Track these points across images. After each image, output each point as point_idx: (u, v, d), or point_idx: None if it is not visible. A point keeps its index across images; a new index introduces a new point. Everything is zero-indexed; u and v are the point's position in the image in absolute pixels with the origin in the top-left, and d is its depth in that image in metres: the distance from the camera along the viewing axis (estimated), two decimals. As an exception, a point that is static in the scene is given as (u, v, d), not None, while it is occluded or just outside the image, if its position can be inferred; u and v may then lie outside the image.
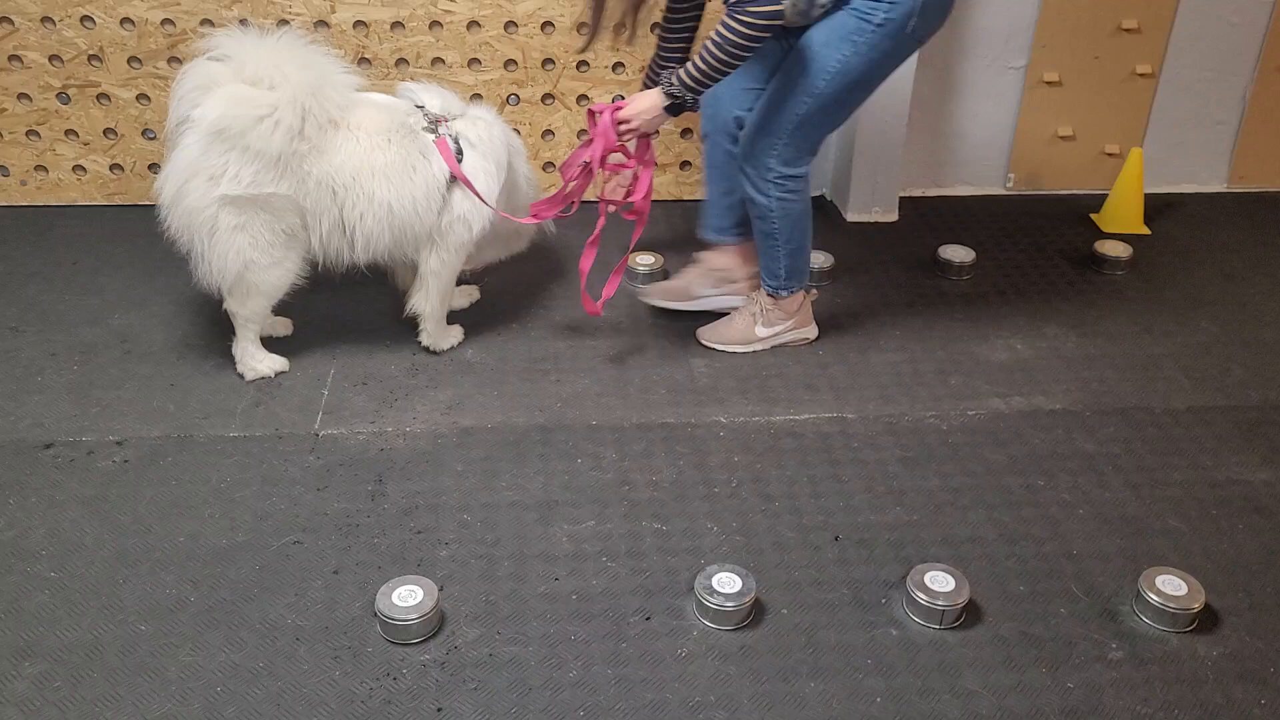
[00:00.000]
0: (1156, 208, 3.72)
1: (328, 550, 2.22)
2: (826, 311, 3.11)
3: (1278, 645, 2.05)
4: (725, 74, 2.47)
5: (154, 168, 3.56)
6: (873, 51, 2.50)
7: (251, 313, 2.70)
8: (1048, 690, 1.95)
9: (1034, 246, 3.50)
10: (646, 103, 2.56)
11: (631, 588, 2.15)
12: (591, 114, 2.66)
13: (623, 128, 2.59)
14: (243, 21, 3.33)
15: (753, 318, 2.91)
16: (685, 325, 3.03)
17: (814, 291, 3.05)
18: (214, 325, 2.94)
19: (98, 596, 2.10)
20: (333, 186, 2.56)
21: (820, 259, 3.27)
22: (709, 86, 2.51)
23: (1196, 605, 2.07)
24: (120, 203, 3.60)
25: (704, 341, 2.95)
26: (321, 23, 3.38)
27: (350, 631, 2.03)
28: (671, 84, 2.52)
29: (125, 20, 3.34)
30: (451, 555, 2.21)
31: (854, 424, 2.64)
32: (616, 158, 2.75)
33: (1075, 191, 3.87)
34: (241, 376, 2.73)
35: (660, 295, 3.07)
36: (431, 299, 2.79)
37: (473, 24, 3.43)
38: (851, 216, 3.67)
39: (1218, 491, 2.44)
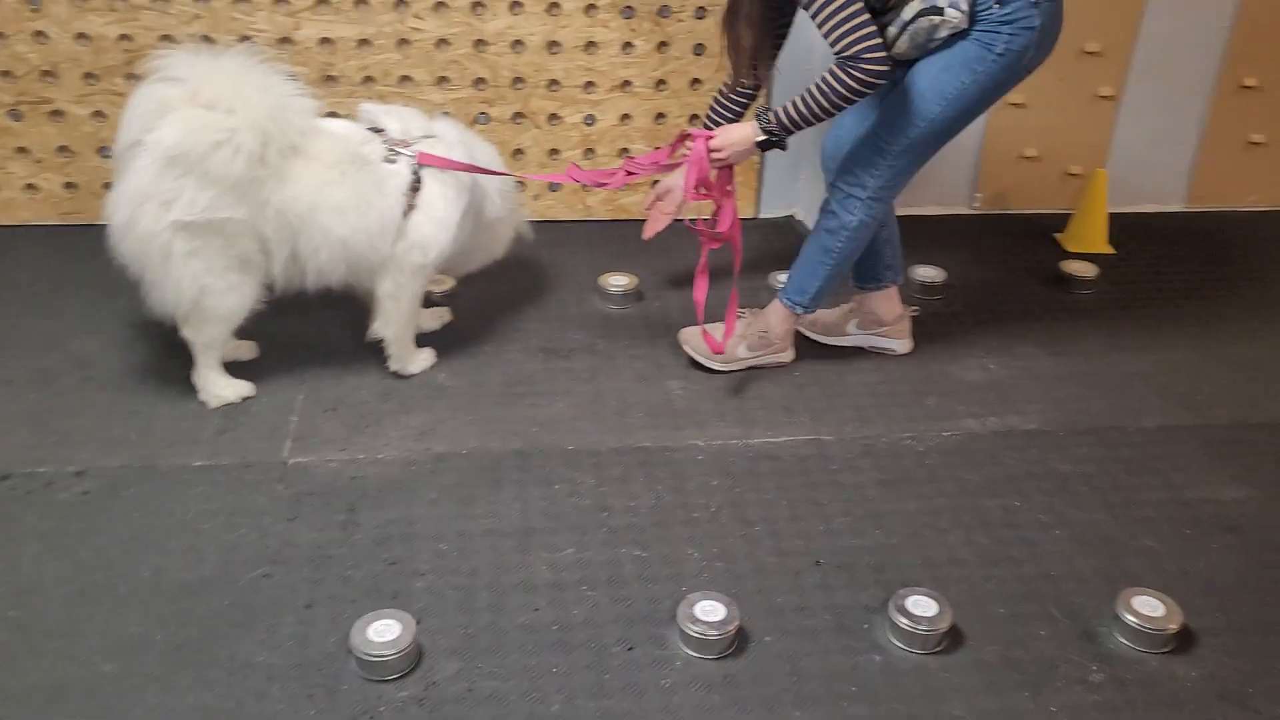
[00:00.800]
0: (1119, 227, 3.77)
1: (299, 583, 2.16)
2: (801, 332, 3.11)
3: (1255, 665, 2.06)
4: (823, 120, 2.50)
5: (110, 186, 3.47)
6: (990, 80, 2.52)
7: (210, 339, 2.63)
8: (1031, 715, 1.94)
9: (1002, 266, 3.53)
10: (738, 134, 2.58)
11: (613, 617, 2.11)
12: (682, 137, 2.68)
13: (714, 156, 2.60)
14: (206, 39, 3.27)
15: (739, 337, 2.87)
16: (660, 347, 3.01)
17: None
18: (177, 350, 2.86)
19: (59, 636, 2.02)
20: (289, 217, 2.51)
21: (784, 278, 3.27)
22: (803, 129, 2.52)
23: (1174, 626, 2.08)
24: (75, 222, 3.51)
25: (683, 344, 2.90)
26: (285, 40, 3.33)
27: (324, 668, 1.98)
28: (769, 121, 2.53)
29: (80, 35, 3.26)
30: (428, 586, 2.17)
31: (831, 446, 2.63)
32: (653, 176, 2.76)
33: (1040, 211, 3.91)
34: (205, 404, 2.66)
35: (806, 326, 3.04)
36: (393, 324, 2.74)
37: (441, 42, 3.40)
38: (821, 236, 3.67)
39: (1191, 511, 2.46)
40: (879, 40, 2.39)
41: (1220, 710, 1.96)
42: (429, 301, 3.03)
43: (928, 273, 3.35)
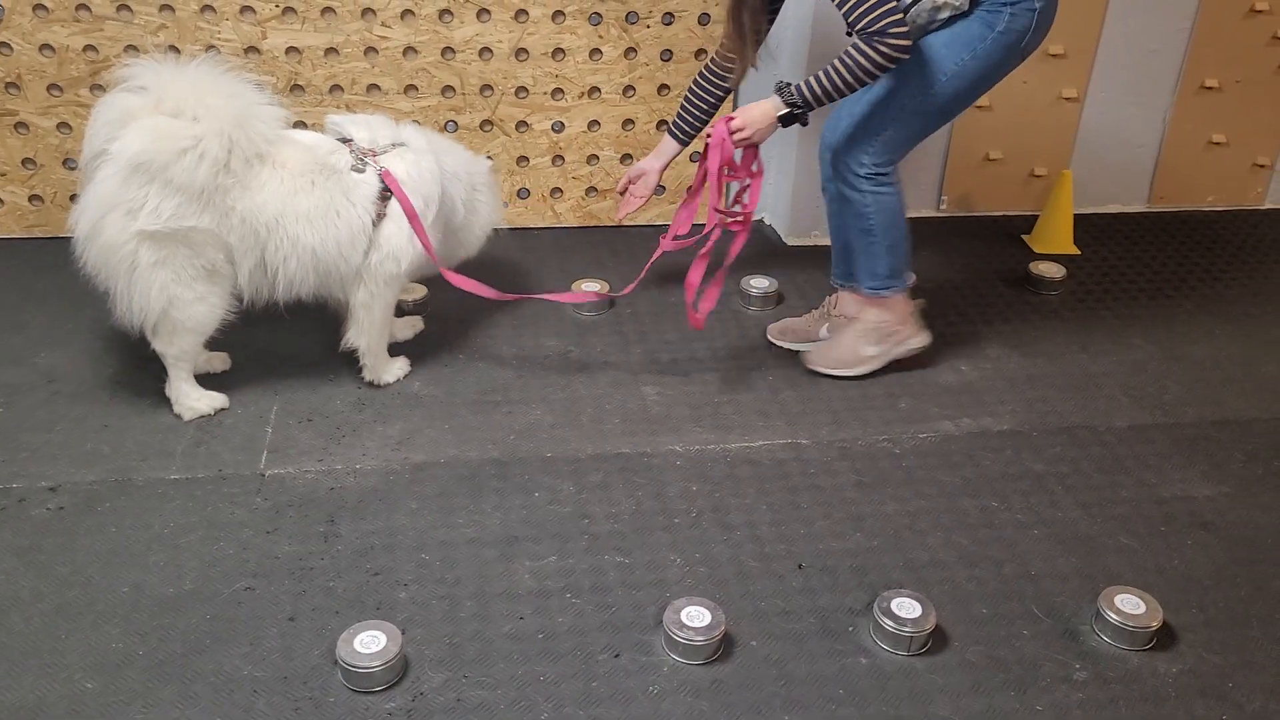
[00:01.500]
0: (1084, 228, 3.82)
1: (281, 596, 2.14)
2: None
3: (1234, 659, 2.09)
4: (846, 95, 2.50)
5: (76, 198, 3.42)
6: (989, 59, 2.56)
7: (181, 351, 2.60)
8: (1017, 714, 1.96)
9: (970, 268, 3.57)
10: (759, 111, 2.57)
11: (598, 624, 2.11)
12: (718, 125, 2.67)
13: (736, 136, 2.59)
14: (172, 48, 3.23)
15: (857, 338, 2.90)
16: (634, 353, 3.01)
17: (922, 301, 3.05)
18: (147, 362, 2.83)
19: (38, 654, 1.98)
20: (255, 225, 2.49)
21: (764, 283, 3.29)
22: (826, 103, 2.52)
23: (1155, 623, 2.11)
24: (41, 235, 3.46)
25: (811, 366, 2.93)
26: (252, 49, 3.30)
27: (310, 681, 1.96)
28: (790, 93, 2.52)
29: (45, 46, 3.21)
30: (411, 597, 2.15)
31: (809, 450, 2.65)
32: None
33: (1006, 213, 3.96)
34: (179, 418, 2.63)
35: (778, 335, 3.06)
36: (367, 333, 2.72)
37: (409, 50, 3.38)
38: (791, 240, 3.69)
39: (1164, 508, 2.50)
40: (901, 15, 2.40)
41: (1202, 705, 1.99)
42: (401, 310, 3.02)
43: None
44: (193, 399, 2.65)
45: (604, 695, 1.96)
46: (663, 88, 3.59)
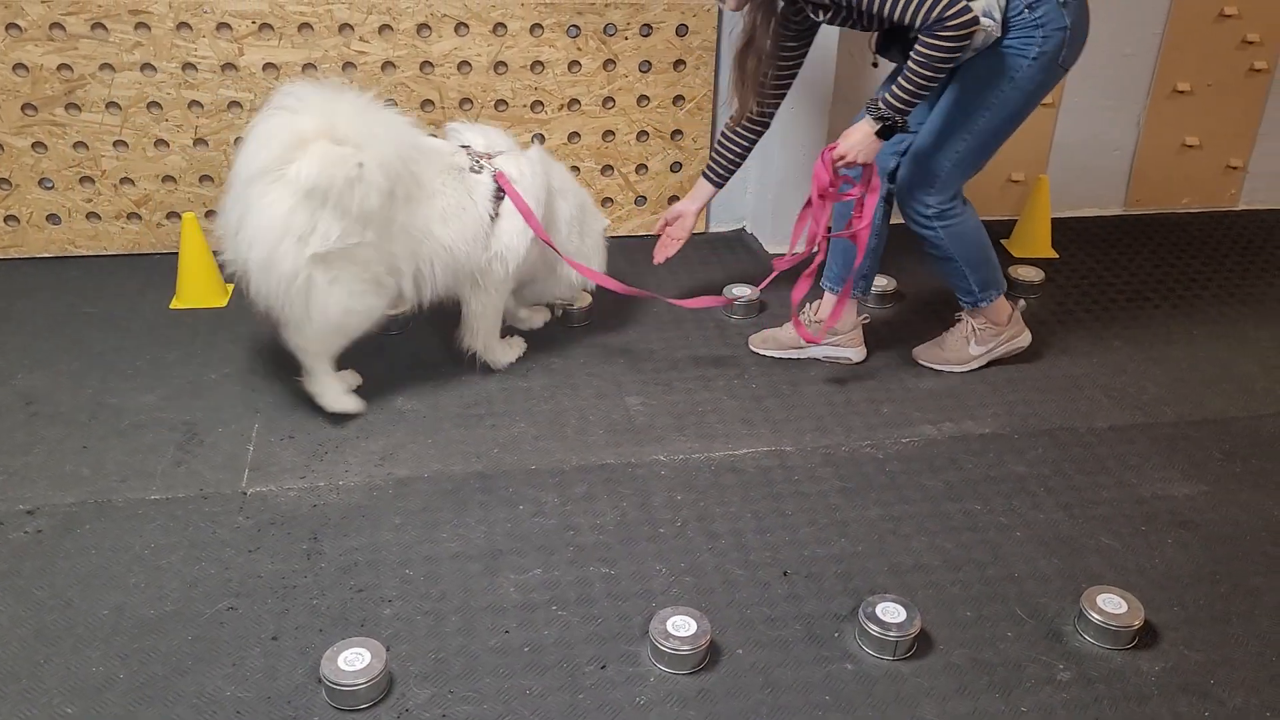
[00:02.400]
0: (1061, 232, 3.85)
1: (264, 615, 2.12)
2: (755, 344, 3.14)
3: (1215, 657, 2.11)
4: (931, 90, 2.52)
5: (52, 218, 3.41)
6: (1029, 84, 2.60)
7: (328, 351, 2.67)
8: (1003, 716, 1.97)
9: (950, 273, 3.58)
10: (858, 134, 2.63)
11: (584, 636, 2.11)
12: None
13: (840, 162, 2.65)
14: (148, 66, 3.22)
15: (965, 339, 2.98)
16: (618, 364, 3.01)
17: (1022, 301, 3.09)
18: (126, 381, 2.82)
19: (17, 679, 1.96)
20: (411, 231, 2.58)
21: (746, 292, 3.30)
22: (915, 105, 2.55)
23: (1137, 622, 2.12)
24: (16, 256, 3.44)
25: (922, 362, 3.03)
26: (229, 65, 3.29)
27: (294, 700, 1.94)
28: (879, 108, 2.56)
29: (18, 66, 3.20)
30: (396, 613, 2.14)
31: (792, 457, 2.65)
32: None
33: (984, 218, 3.95)
34: (328, 410, 2.70)
35: (760, 344, 3.10)
36: (481, 334, 2.88)
37: (388, 64, 3.38)
38: (773, 249, 3.70)
39: (1144, 508, 2.52)
40: None
41: (1184, 702, 2.00)
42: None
43: (879, 282, 3.39)
44: (338, 395, 2.71)
45: (590, 707, 1.95)
46: (642, 99, 3.60)
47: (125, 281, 3.34)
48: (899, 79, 2.53)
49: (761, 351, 3.07)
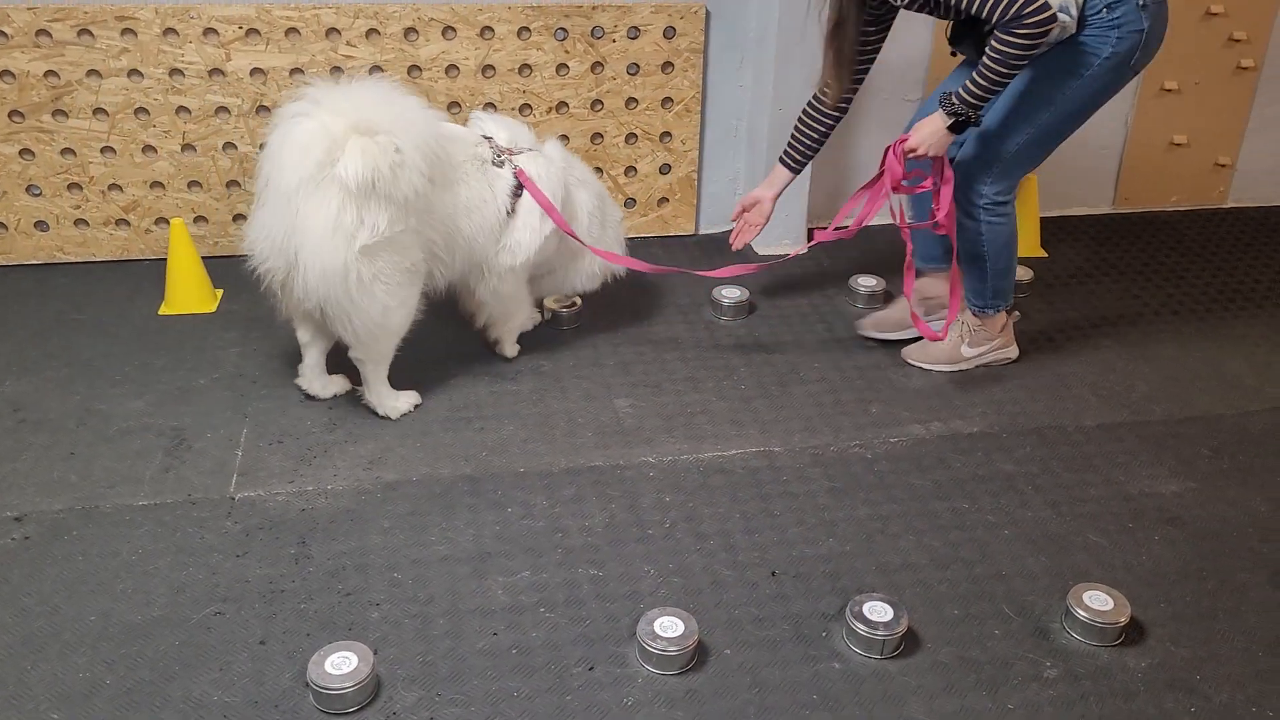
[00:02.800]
0: (1050, 231, 3.86)
1: (252, 620, 2.12)
2: (745, 345, 3.14)
3: (1201, 653, 2.11)
4: (1005, 85, 2.53)
5: (40, 225, 3.41)
6: (1096, 83, 2.61)
7: (381, 355, 2.69)
8: (990, 713, 1.97)
9: (939, 273, 3.59)
10: (930, 128, 2.65)
11: (572, 638, 2.11)
12: (888, 150, 2.76)
13: (911, 155, 2.68)
14: (134, 72, 3.22)
15: (959, 338, 2.98)
16: (607, 366, 3.02)
17: (1016, 313, 3.10)
18: (114, 387, 2.82)
19: (4, 685, 1.96)
20: (443, 217, 2.62)
21: (736, 293, 3.30)
22: (989, 100, 2.57)
23: (1123, 619, 2.12)
24: (4, 263, 3.43)
25: (911, 361, 3.03)
26: (216, 71, 3.29)
27: (281, 705, 1.94)
28: (952, 104, 2.58)
29: (5, 73, 3.20)
30: (384, 616, 2.14)
31: (781, 457, 2.65)
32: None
33: (973, 217, 3.98)
34: (386, 417, 2.74)
35: (873, 327, 3.13)
36: (499, 323, 2.94)
37: (375, 69, 3.38)
38: (763, 250, 3.71)
39: (1132, 505, 2.52)
40: None
41: (1171, 698, 2.01)
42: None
43: (868, 282, 3.40)
44: (395, 399, 2.74)
45: (578, 709, 1.96)
46: (630, 101, 3.60)
47: (113, 288, 3.34)
48: (974, 74, 2.54)
49: (876, 336, 3.12)
